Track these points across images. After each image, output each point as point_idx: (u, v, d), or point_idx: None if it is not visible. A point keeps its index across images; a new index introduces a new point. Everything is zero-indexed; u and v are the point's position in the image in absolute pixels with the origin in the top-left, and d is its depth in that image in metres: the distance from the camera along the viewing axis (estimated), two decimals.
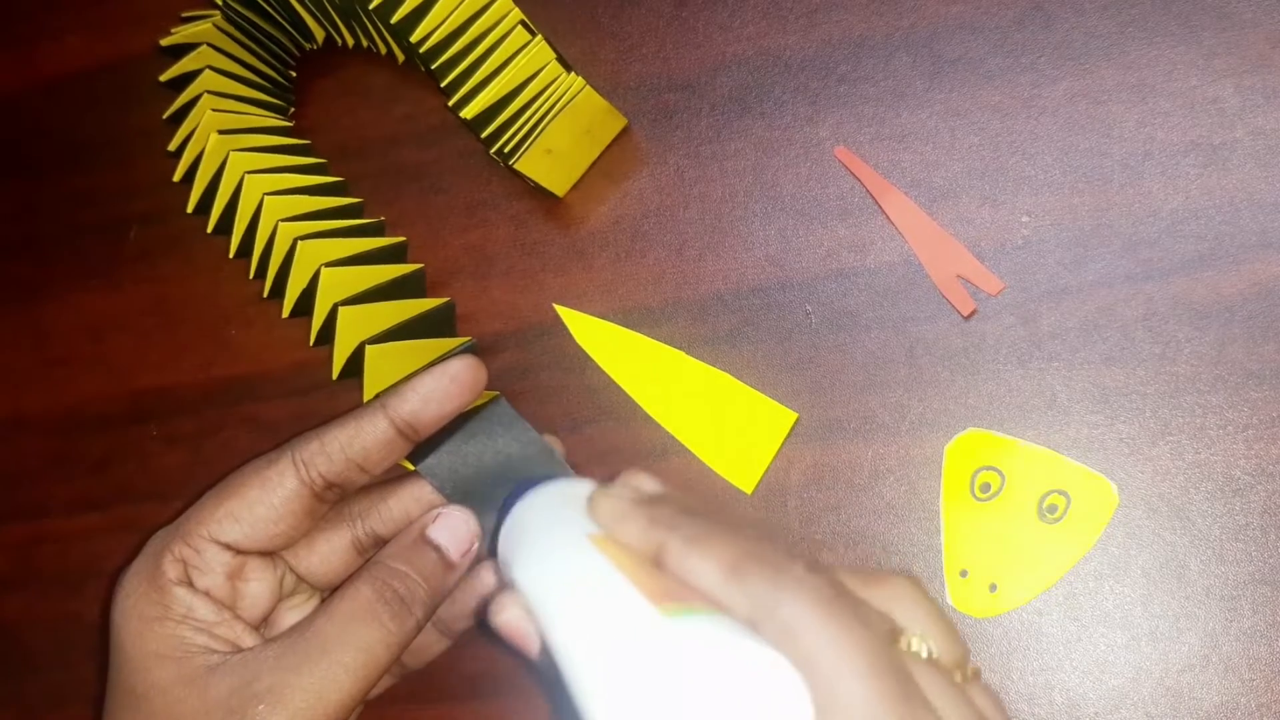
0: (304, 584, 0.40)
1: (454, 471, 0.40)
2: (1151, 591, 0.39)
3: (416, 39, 0.42)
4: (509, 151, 0.43)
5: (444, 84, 0.43)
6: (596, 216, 0.47)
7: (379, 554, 0.38)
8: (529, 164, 0.44)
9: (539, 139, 0.43)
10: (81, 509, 0.51)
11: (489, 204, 0.48)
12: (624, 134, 0.47)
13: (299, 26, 0.50)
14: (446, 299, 0.47)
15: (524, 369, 0.46)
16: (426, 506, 0.39)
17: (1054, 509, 0.40)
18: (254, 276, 0.47)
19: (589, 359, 0.45)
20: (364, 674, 0.35)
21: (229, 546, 0.37)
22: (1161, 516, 0.39)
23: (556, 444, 0.42)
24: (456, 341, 0.44)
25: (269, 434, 0.49)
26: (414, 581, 0.36)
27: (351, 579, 0.36)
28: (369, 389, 0.43)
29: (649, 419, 0.44)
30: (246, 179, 0.46)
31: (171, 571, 0.36)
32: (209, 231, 0.48)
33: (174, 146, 0.49)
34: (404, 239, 0.48)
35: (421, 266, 0.47)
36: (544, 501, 0.34)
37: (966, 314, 0.42)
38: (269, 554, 0.38)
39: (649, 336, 0.45)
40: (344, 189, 0.49)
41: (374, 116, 0.51)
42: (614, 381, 0.45)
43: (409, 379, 0.38)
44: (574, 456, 0.43)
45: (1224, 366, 0.39)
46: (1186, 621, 0.38)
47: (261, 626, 0.38)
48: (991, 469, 0.41)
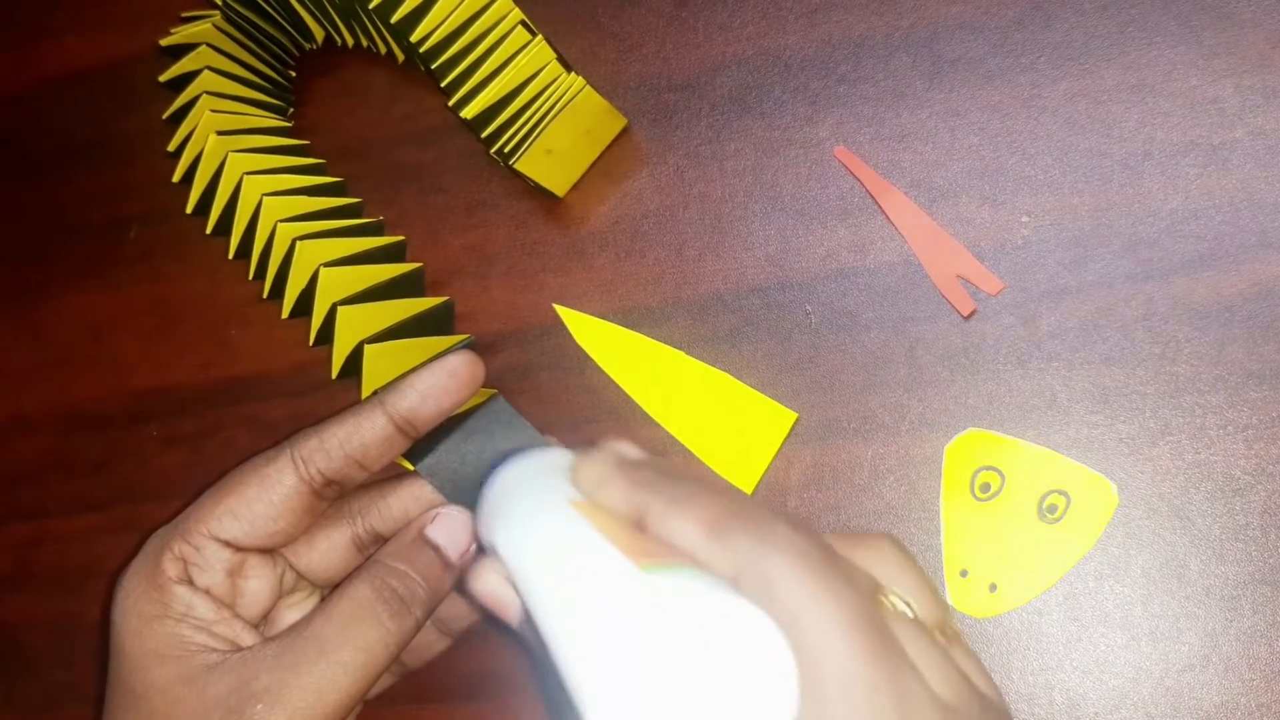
0: (304, 582, 0.40)
1: (453, 471, 0.40)
2: (1151, 591, 0.39)
3: (416, 39, 0.42)
4: (509, 151, 0.43)
5: (444, 84, 0.43)
6: (596, 216, 0.47)
7: (378, 553, 0.38)
8: (529, 164, 0.44)
9: (539, 139, 0.43)
10: (81, 509, 0.51)
11: (489, 204, 0.48)
12: (624, 134, 0.47)
13: (299, 26, 0.50)
14: (446, 298, 0.47)
15: (524, 369, 0.46)
16: (426, 505, 0.39)
17: (1054, 509, 0.40)
18: (253, 277, 0.47)
19: (589, 359, 0.45)
20: (363, 673, 0.35)
21: (229, 544, 0.37)
22: (1161, 516, 0.39)
23: (557, 445, 0.42)
24: (454, 339, 0.44)
25: (269, 434, 0.49)
26: (413, 580, 0.36)
27: (350, 578, 0.36)
28: (367, 388, 0.43)
29: (649, 419, 0.44)
30: (245, 180, 0.46)
31: (171, 570, 0.36)
32: (208, 232, 0.48)
33: (173, 147, 0.49)
34: (402, 238, 0.48)
35: (420, 266, 0.47)
36: (525, 469, 0.34)
37: (966, 314, 0.41)
38: (269, 551, 0.38)
39: (649, 336, 0.45)
40: (343, 189, 0.49)
41: (374, 116, 0.51)
42: (614, 381, 0.45)
43: (407, 375, 0.38)
44: None
45: (1224, 366, 0.39)
46: (1186, 621, 0.38)
47: (261, 625, 0.38)
48: (991, 469, 0.40)
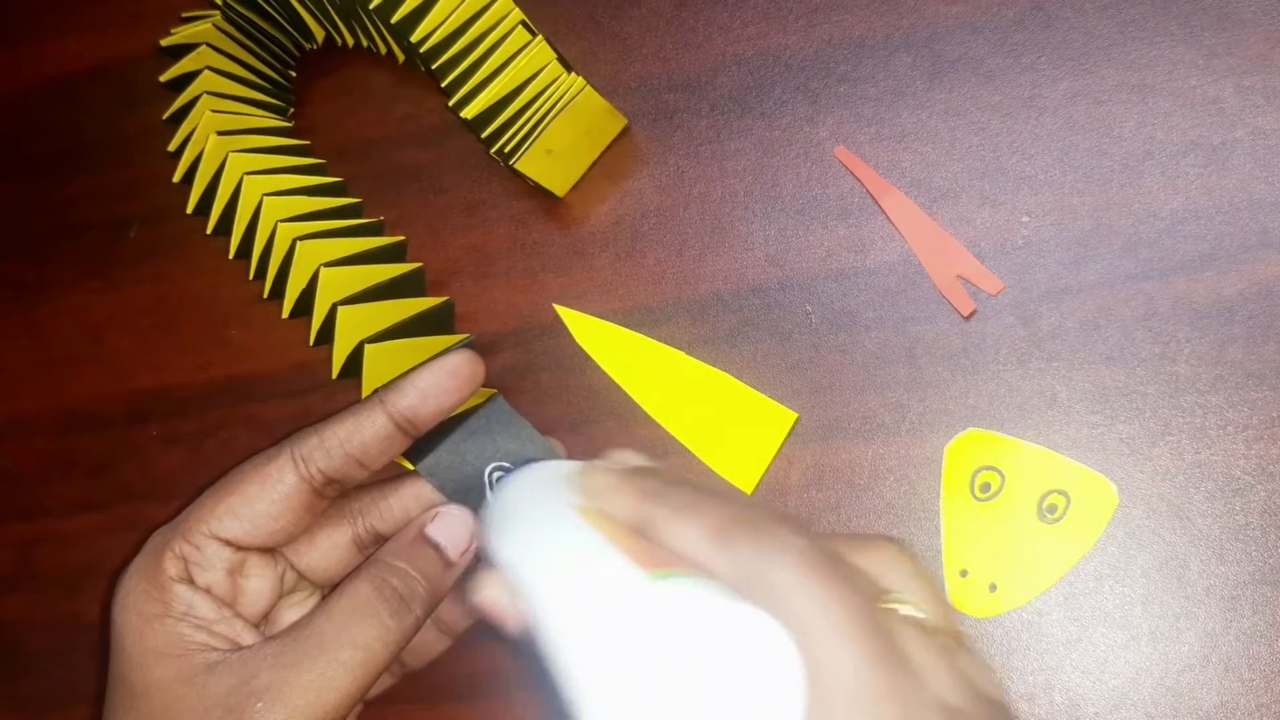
0: (304, 581, 0.40)
1: (453, 470, 0.40)
2: (1151, 591, 0.39)
3: (417, 39, 0.42)
4: (509, 151, 0.43)
5: (444, 84, 0.43)
6: (596, 216, 0.47)
7: (378, 552, 0.38)
8: (529, 164, 0.44)
9: (539, 139, 0.43)
10: (81, 509, 0.51)
11: (489, 204, 0.48)
12: (624, 134, 0.47)
13: (299, 26, 0.50)
14: (446, 298, 0.47)
15: (524, 369, 0.46)
16: (426, 505, 0.39)
17: (1054, 509, 0.40)
18: (254, 277, 0.47)
19: (589, 359, 0.45)
20: (362, 671, 0.35)
21: (229, 543, 0.37)
22: (1161, 516, 0.39)
23: (557, 445, 0.42)
24: (454, 339, 0.44)
25: (269, 434, 0.49)
26: (413, 579, 0.36)
27: (350, 577, 0.37)
28: (367, 388, 0.43)
29: (649, 419, 0.44)
30: (245, 180, 0.46)
31: (172, 569, 0.36)
32: (209, 232, 0.48)
33: (174, 147, 0.49)
34: (403, 238, 0.48)
35: (420, 265, 0.47)
36: (530, 480, 0.34)
37: (966, 314, 0.41)
38: (269, 550, 0.38)
39: (649, 336, 0.45)
40: (343, 189, 0.49)
41: (374, 116, 0.51)
42: (614, 381, 0.45)
43: (407, 374, 0.38)
44: (574, 456, 0.42)
45: (1224, 366, 0.39)
46: (1186, 621, 0.38)
47: (261, 624, 0.38)
48: (991, 469, 0.41)
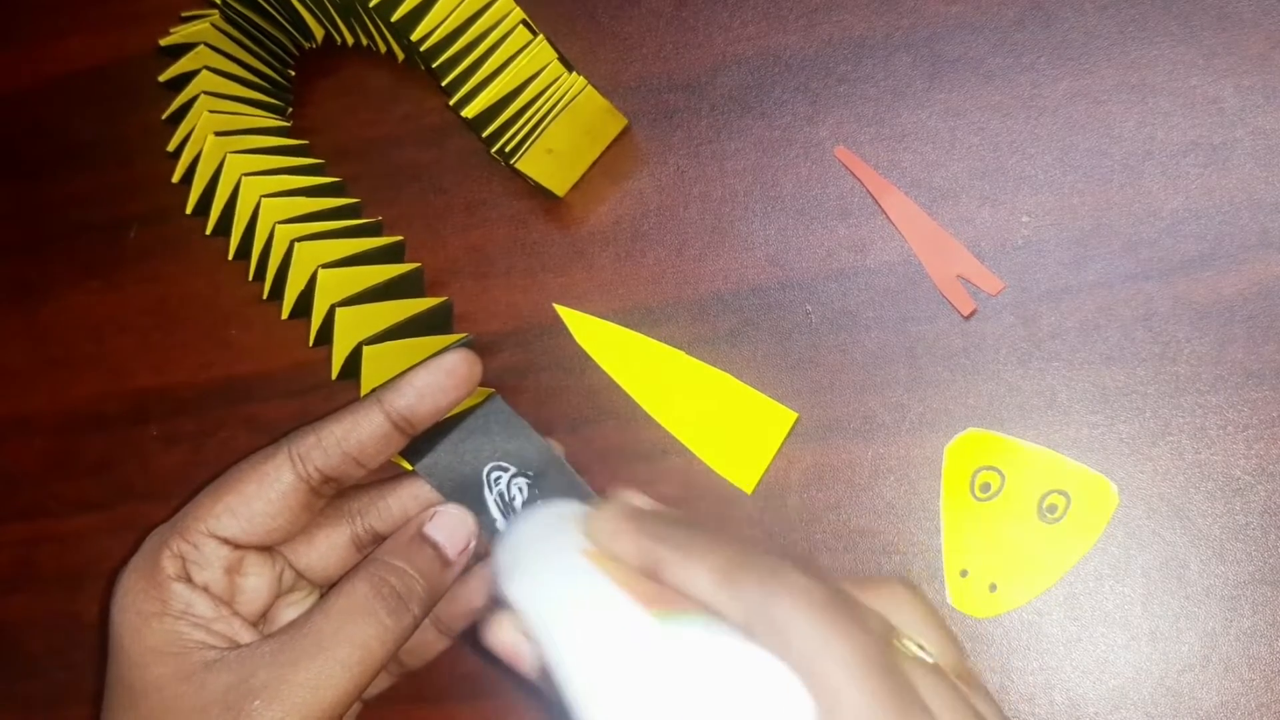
0: (303, 580, 0.40)
1: (451, 470, 0.40)
2: (1151, 591, 0.39)
3: (417, 38, 0.42)
4: (510, 151, 0.43)
5: (445, 83, 0.43)
6: (596, 216, 0.47)
7: (376, 551, 0.38)
8: (530, 164, 0.44)
9: (540, 139, 0.43)
10: (81, 509, 0.51)
11: (489, 204, 0.48)
12: (624, 134, 0.47)
13: (298, 25, 0.50)
14: (444, 298, 0.47)
15: (524, 369, 0.46)
16: (425, 504, 0.40)
17: (1054, 509, 0.40)
18: (253, 278, 0.47)
19: (589, 359, 0.45)
20: (360, 670, 0.35)
21: (227, 541, 0.37)
22: (1161, 516, 0.39)
23: (556, 445, 0.42)
24: (453, 338, 0.44)
25: (269, 434, 0.48)
26: (411, 578, 0.36)
27: (348, 575, 0.37)
28: (366, 389, 0.43)
29: (649, 419, 0.44)
30: (244, 181, 0.46)
31: (170, 567, 0.36)
32: (208, 233, 0.48)
33: (173, 147, 0.49)
34: (401, 238, 0.48)
35: (419, 265, 0.47)
36: (537, 523, 0.35)
37: (966, 314, 0.41)
38: (267, 549, 0.38)
39: (649, 336, 0.45)
40: (341, 189, 0.49)
41: (374, 116, 0.51)
42: (614, 381, 0.45)
43: (405, 374, 0.38)
44: (574, 456, 0.42)
45: (1224, 366, 0.39)
46: (1186, 621, 0.38)
47: (260, 623, 0.38)
48: (991, 469, 0.40)
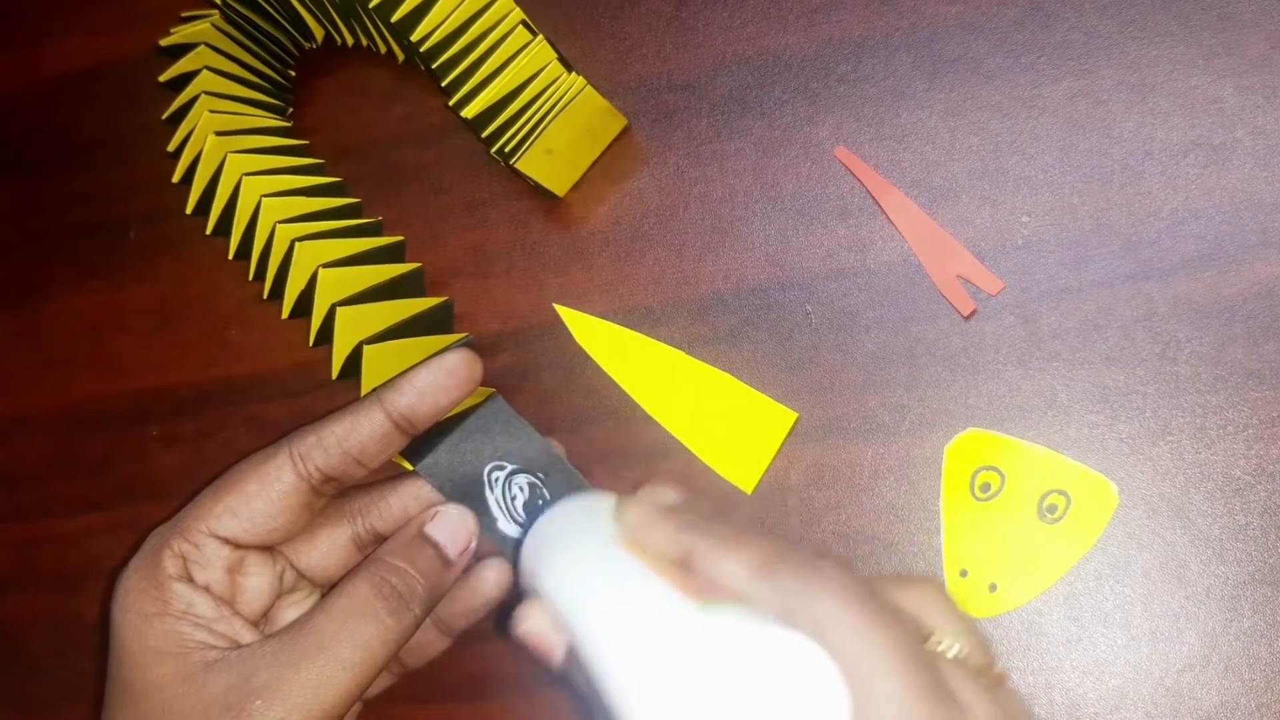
0: (304, 580, 0.40)
1: (452, 470, 0.40)
2: (1151, 591, 0.39)
3: (417, 38, 0.42)
4: (509, 151, 0.43)
5: (444, 83, 0.43)
6: (596, 216, 0.47)
7: (377, 551, 0.38)
8: (529, 164, 0.44)
9: (539, 139, 0.43)
10: (81, 509, 0.51)
11: (489, 204, 0.48)
12: (624, 134, 0.47)
13: (298, 25, 0.50)
14: (445, 298, 0.47)
15: (524, 369, 0.46)
16: (425, 504, 0.40)
17: (1054, 509, 0.40)
18: (253, 278, 0.47)
19: (589, 359, 0.45)
20: (361, 670, 0.35)
21: (228, 541, 0.37)
22: (1161, 516, 0.39)
23: (556, 445, 0.42)
24: (453, 338, 0.44)
25: (269, 434, 0.48)
26: (412, 578, 0.36)
27: (349, 575, 0.37)
28: (367, 389, 0.43)
29: (649, 419, 0.44)
30: (244, 180, 0.46)
31: (171, 567, 0.36)
32: (208, 233, 0.48)
33: (173, 147, 0.49)
34: (401, 238, 0.48)
35: (420, 265, 0.47)
36: (567, 514, 0.35)
37: (966, 314, 0.41)
38: (268, 549, 0.38)
39: (649, 336, 0.45)
40: (341, 189, 0.49)
41: (374, 116, 0.51)
42: (614, 381, 0.45)
43: (405, 373, 0.38)
44: (574, 456, 0.43)
45: (1224, 366, 0.39)
46: (1186, 621, 0.38)
47: (261, 623, 0.38)
48: (991, 469, 0.40)
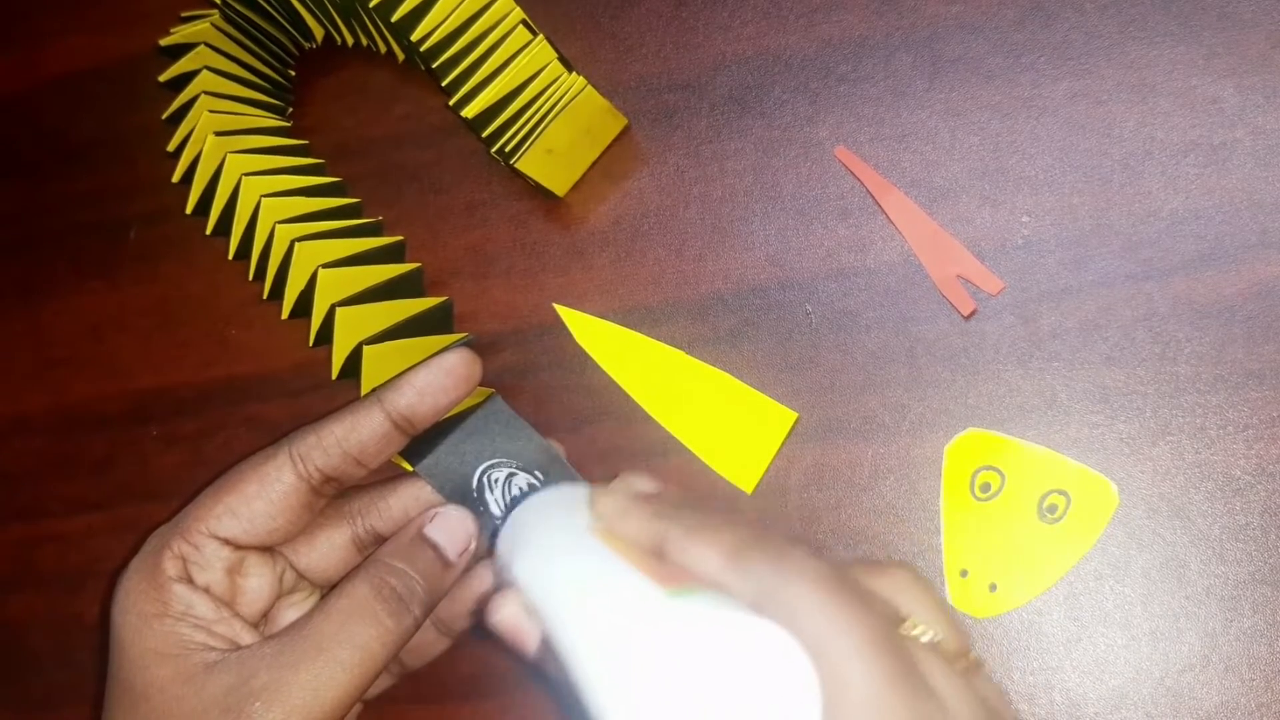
0: (304, 581, 0.40)
1: (452, 471, 0.40)
2: (1151, 591, 0.39)
3: (417, 38, 0.42)
4: (510, 151, 0.43)
5: (445, 83, 0.43)
6: (596, 216, 0.47)
7: (377, 552, 0.38)
8: (529, 164, 0.44)
9: (540, 139, 0.43)
10: (81, 509, 0.51)
11: (489, 204, 0.48)
12: (624, 134, 0.47)
13: (298, 25, 0.50)
14: (444, 298, 0.47)
15: (524, 369, 0.46)
16: (425, 505, 0.40)
17: (1054, 509, 0.40)
18: (253, 278, 0.47)
19: (589, 359, 0.45)
20: (361, 671, 0.35)
21: (228, 542, 0.37)
22: (1161, 516, 0.39)
23: (556, 446, 0.42)
24: (453, 338, 0.44)
25: (269, 434, 0.48)
26: (411, 579, 0.36)
27: (349, 577, 0.37)
28: (366, 389, 0.43)
29: (649, 419, 0.44)
30: (243, 181, 0.46)
31: (171, 568, 0.36)
32: (208, 233, 0.48)
33: (173, 147, 0.49)
34: (401, 238, 0.48)
35: (419, 265, 0.47)
36: (543, 503, 0.35)
37: (966, 314, 0.41)
38: (268, 549, 0.38)
39: (649, 336, 0.45)
40: (341, 189, 0.49)
41: (374, 116, 0.51)
42: (614, 381, 0.45)
43: (405, 373, 0.38)
44: (574, 456, 0.43)
45: (1224, 366, 0.39)
46: (1186, 621, 0.38)
47: (261, 624, 0.38)
48: (991, 469, 0.40)
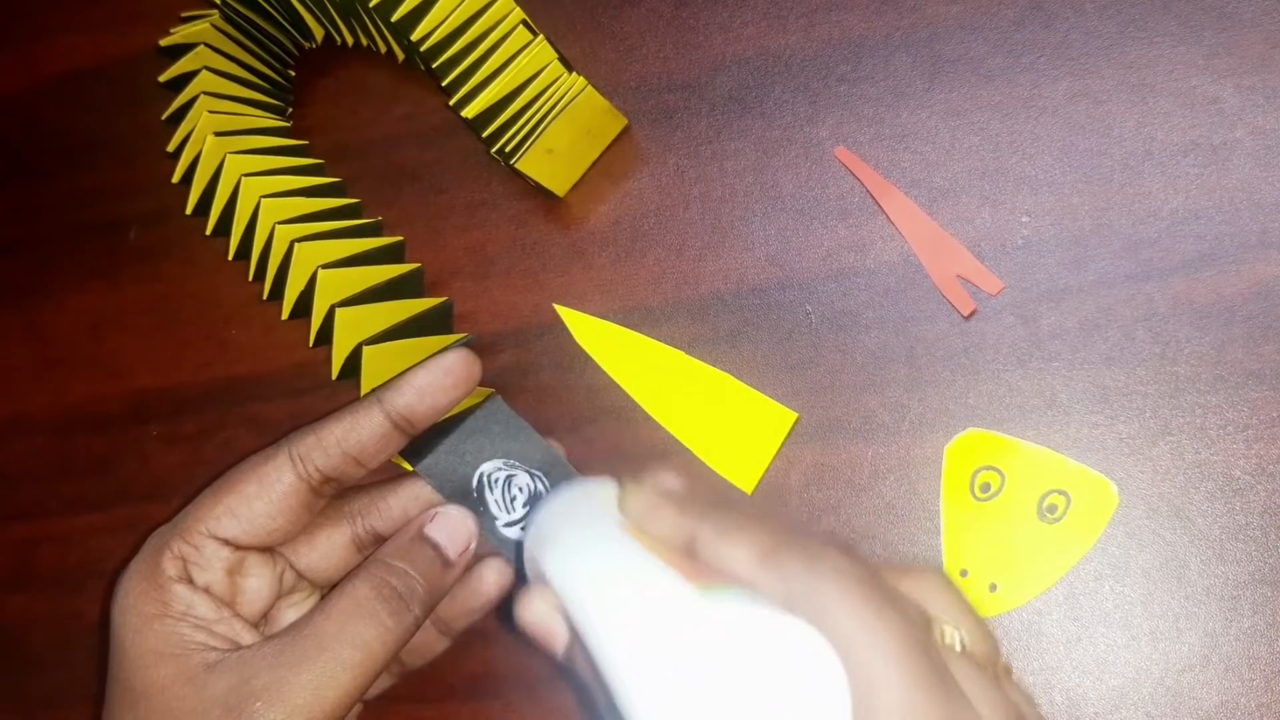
0: (304, 581, 0.40)
1: (452, 471, 0.40)
2: (1151, 591, 0.39)
3: (417, 38, 0.42)
4: (510, 151, 0.43)
5: (445, 83, 0.43)
6: (596, 216, 0.47)
7: (377, 552, 0.38)
8: (530, 164, 0.44)
9: (540, 139, 0.43)
10: (81, 509, 0.51)
11: (489, 204, 0.48)
12: (624, 134, 0.47)
13: (298, 25, 0.50)
14: (444, 298, 0.47)
15: (524, 369, 0.46)
16: (425, 505, 0.40)
17: (1054, 509, 0.40)
18: (253, 278, 0.47)
19: (589, 359, 0.45)
20: (362, 671, 0.35)
21: (228, 542, 0.37)
22: (1161, 516, 0.39)
23: (556, 446, 0.42)
24: (453, 338, 0.44)
25: (269, 434, 0.48)
26: (412, 579, 0.36)
27: (349, 576, 0.37)
28: (366, 389, 0.43)
29: (649, 419, 0.44)
30: (243, 181, 0.46)
31: (171, 569, 0.36)
32: (208, 233, 0.48)
33: (173, 147, 0.49)
34: (401, 238, 0.48)
35: (419, 266, 0.47)
36: (571, 499, 0.35)
37: (966, 314, 0.41)
38: (268, 550, 0.38)
39: (649, 336, 0.45)
40: (341, 189, 0.49)
41: (374, 116, 0.51)
42: (614, 381, 0.45)
43: (404, 373, 0.38)
44: (574, 456, 0.43)
45: (1224, 366, 0.39)
46: (1186, 621, 0.38)
47: (261, 624, 0.38)
48: (991, 469, 0.40)
